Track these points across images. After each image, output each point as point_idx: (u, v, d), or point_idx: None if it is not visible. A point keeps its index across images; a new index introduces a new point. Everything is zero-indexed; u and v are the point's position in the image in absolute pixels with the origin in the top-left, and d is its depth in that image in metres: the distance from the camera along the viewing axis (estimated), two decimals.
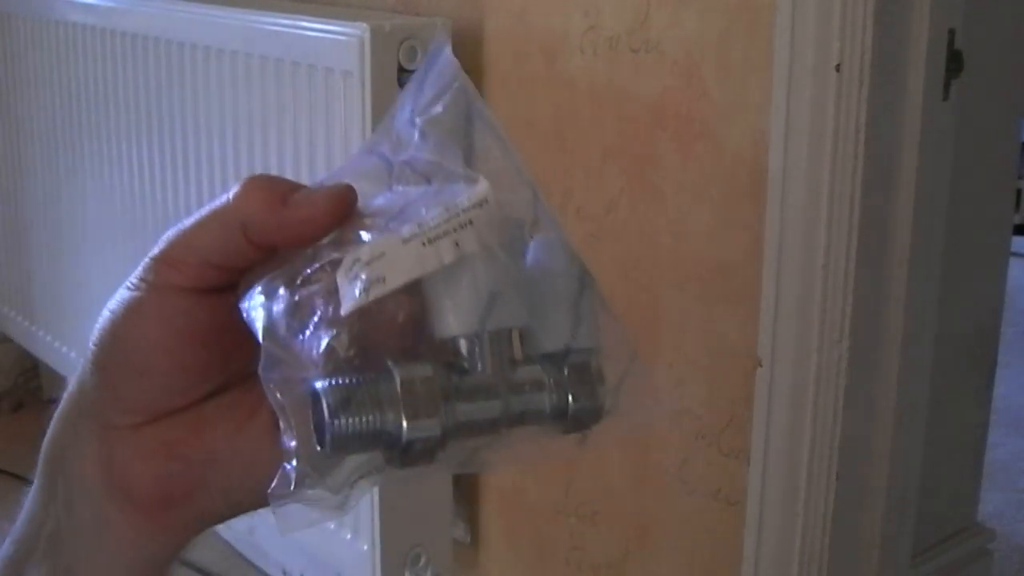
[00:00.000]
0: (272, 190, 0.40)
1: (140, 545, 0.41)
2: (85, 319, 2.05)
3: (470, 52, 1.42)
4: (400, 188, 0.40)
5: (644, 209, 1.28)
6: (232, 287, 0.41)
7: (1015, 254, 2.01)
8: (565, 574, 1.48)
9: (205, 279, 0.40)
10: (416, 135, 0.41)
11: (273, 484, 0.37)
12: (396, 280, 0.36)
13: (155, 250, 0.41)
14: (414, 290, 0.38)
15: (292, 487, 0.36)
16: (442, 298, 0.37)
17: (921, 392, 1.26)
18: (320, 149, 1.41)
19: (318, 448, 0.36)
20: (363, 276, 0.36)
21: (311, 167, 1.43)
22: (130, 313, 0.40)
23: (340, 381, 0.36)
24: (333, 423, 0.35)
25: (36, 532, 0.42)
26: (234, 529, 1.87)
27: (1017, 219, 2.88)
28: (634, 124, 1.27)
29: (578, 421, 0.39)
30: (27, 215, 2.21)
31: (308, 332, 0.36)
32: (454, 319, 0.37)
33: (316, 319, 0.36)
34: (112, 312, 0.41)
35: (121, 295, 0.41)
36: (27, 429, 2.60)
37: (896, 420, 1.22)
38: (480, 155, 0.41)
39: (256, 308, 0.38)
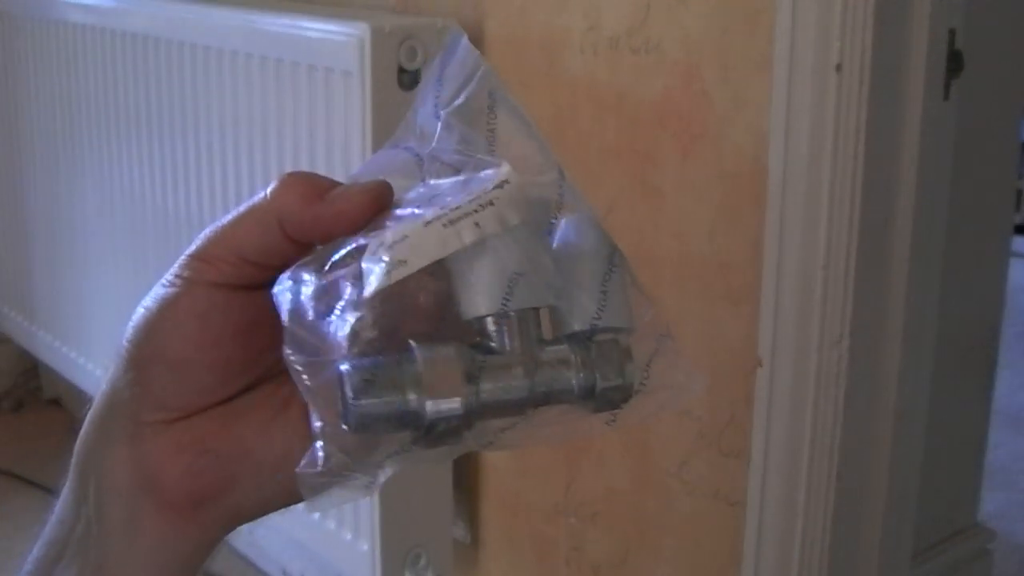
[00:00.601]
0: (309, 186, 0.40)
1: (171, 545, 0.41)
2: (85, 319, 2.05)
3: None
4: (432, 181, 0.41)
5: (644, 209, 1.28)
6: (268, 284, 0.41)
7: (1015, 254, 2.01)
8: (565, 574, 1.48)
9: (242, 276, 0.40)
10: (439, 127, 0.41)
11: (302, 462, 0.37)
12: (418, 262, 0.37)
13: (191, 247, 0.41)
14: (440, 271, 0.38)
15: (320, 466, 0.37)
16: (466, 278, 0.38)
17: (921, 392, 1.26)
18: (320, 149, 1.41)
19: (344, 428, 0.37)
20: (385, 259, 0.37)
21: (311, 167, 1.43)
22: (165, 309, 0.40)
23: (364, 362, 0.37)
24: (356, 404, 0.36)
25: (66, 535, 0.42)
26: (235, 529, 1.86)
27: (1017, 219, 2.88)
28: (634, 124, 1.27)
29: (606, 400, 0.39)
30: (27, 215, 2.21)
31: (334, 315, 0.37)
32: (478, 299, 0.38)
33: (341, 302, 0.37)
34: (147, 309, 0.41)
35: (156, 292, 0.41)
36: (27, 429, 2.61)
37: (896, 420, 1.22)
38: (505, 140, 0.41)
39: (284, 292, 0.38)
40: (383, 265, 0.37)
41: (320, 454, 0.37)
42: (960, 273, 1.50)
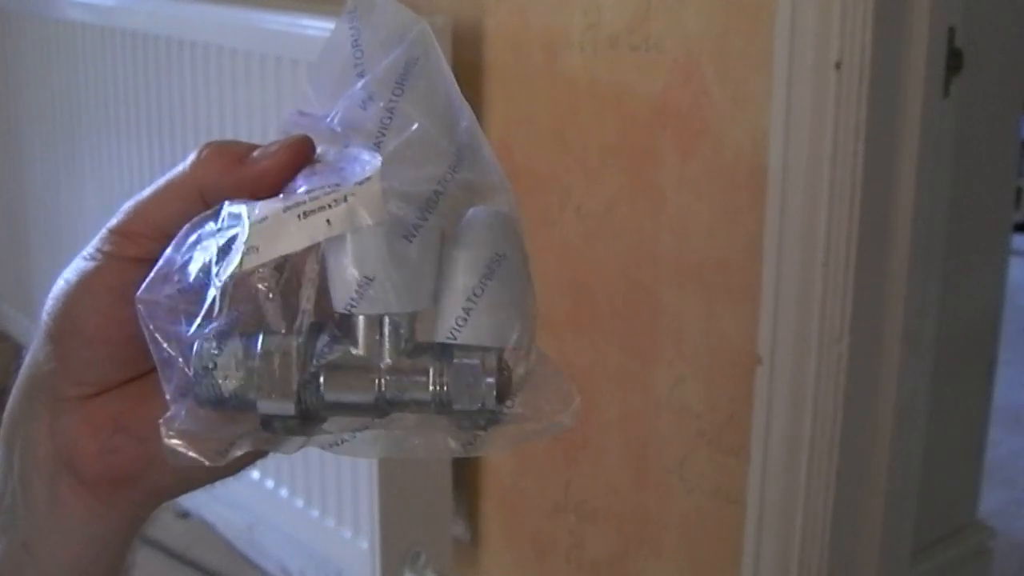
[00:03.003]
0: (228, 154, 0.39)
1: (92, 523, 0.41)
2: None
3: (470, 50, 1.42)
4: (353, 148, 0.39)
5: (644, 207, 1.28)
6: None
7: (1015, 252, 2.01)
8: (565, 572, 1.48)
9: (160, 244, 0.39)
10: (353, 102, 0.39)
11: (164, 416, 0.37)
12: (269, 252, 0.36)
13: (112, 221, 0.40)
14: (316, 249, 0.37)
15: (174, 426, 0.37)
16: (329, 269, 0.37)
17: (921, 390, 1.26)
18: None
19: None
20: (243, 239, 0.36)
21: None
22: (85, 283, 0.40)
23: (209, 345, 0.36)
24: (196, 386, 0.36)
25: None
26: (234, 527, 1.87)
27: (1017, 217, 2.88)
28: (634, 122, 1.27)
29: (467, 419, 0.37)
30: (27, 213, 2.21)
31: (193, 290, 0.36)
32: (333, 294, 0.37)
33: (203, 276, 0.36)
34: (67, 282, 0.40)
35: (77, 265, 0.40)
36: None
37: (896, 419, 1.22)
38: (410, 117, 0.38)
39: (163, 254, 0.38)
40: (240, 248, 0.36)
41: (180, 414, 0.37)
42: (960, 271, 1.50)
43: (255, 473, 1.68)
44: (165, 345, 0.37)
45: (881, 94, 1.09)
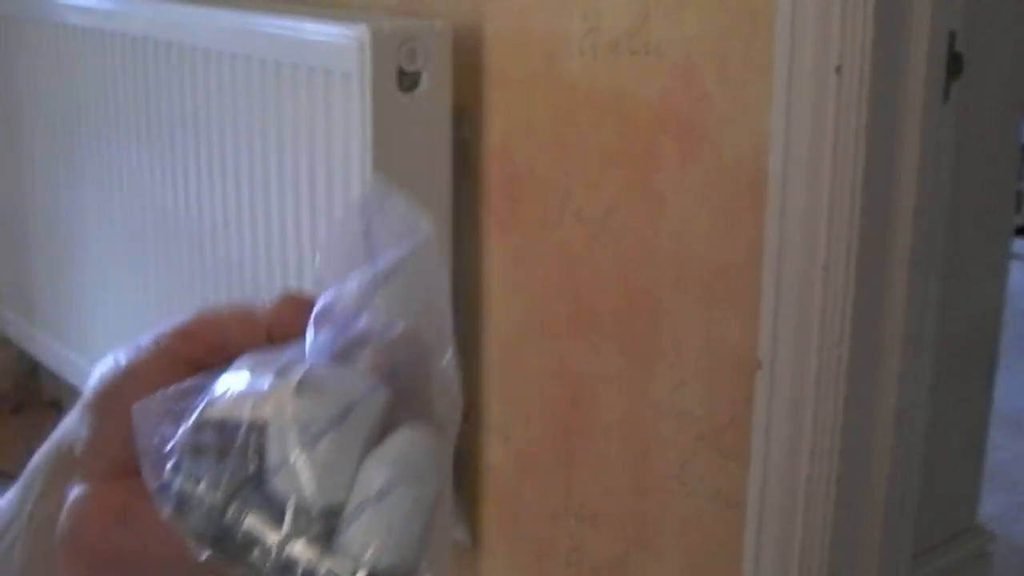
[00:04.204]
0: (302, 302, 0.42)
1: None
2: (85, 321, 2.05)
3: (470, 55, 1.42)
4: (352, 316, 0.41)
5: (644, 212, 1.28)
6: None
7: (1016, 256, 2.01)
8: None
9: (212, 361, 0.41)
10: (359, 301, 0.41)
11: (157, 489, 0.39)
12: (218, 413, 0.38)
13: (181, 319, 0.43)
14: None
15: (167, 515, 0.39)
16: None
17: (921, 394, 1.26)
18: (319, 151, 1.41)
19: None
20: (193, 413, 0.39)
21: (310, 169, 1.43)
22: (134, 368, 0.42)
23: (179, 483, 0.38)
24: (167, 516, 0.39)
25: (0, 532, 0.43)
26: None
27: (1018, 221, 2.88)
28: (634, 127, 1.27)
29: None
30: (27, 217, 2.21)
31: (166, 436, 0.39)
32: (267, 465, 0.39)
33: (173, 429, 0.39)
34: (117, 362, 0.42)
35: (132, 349, 0.42)
36: (26, 431, 2.61)
37: (896, 422, 1.22)
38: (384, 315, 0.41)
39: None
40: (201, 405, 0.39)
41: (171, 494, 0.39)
42: (960, 275, 1.50)
43: None
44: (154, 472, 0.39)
45: (881, 98, 1.09)
